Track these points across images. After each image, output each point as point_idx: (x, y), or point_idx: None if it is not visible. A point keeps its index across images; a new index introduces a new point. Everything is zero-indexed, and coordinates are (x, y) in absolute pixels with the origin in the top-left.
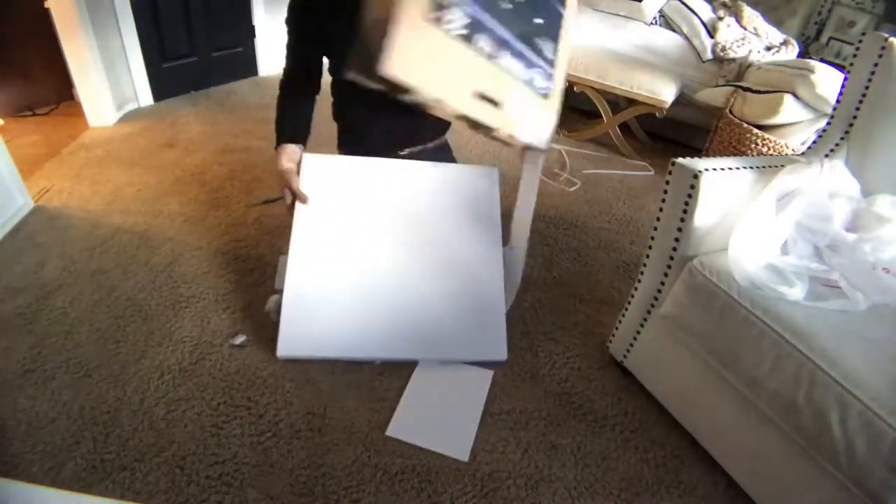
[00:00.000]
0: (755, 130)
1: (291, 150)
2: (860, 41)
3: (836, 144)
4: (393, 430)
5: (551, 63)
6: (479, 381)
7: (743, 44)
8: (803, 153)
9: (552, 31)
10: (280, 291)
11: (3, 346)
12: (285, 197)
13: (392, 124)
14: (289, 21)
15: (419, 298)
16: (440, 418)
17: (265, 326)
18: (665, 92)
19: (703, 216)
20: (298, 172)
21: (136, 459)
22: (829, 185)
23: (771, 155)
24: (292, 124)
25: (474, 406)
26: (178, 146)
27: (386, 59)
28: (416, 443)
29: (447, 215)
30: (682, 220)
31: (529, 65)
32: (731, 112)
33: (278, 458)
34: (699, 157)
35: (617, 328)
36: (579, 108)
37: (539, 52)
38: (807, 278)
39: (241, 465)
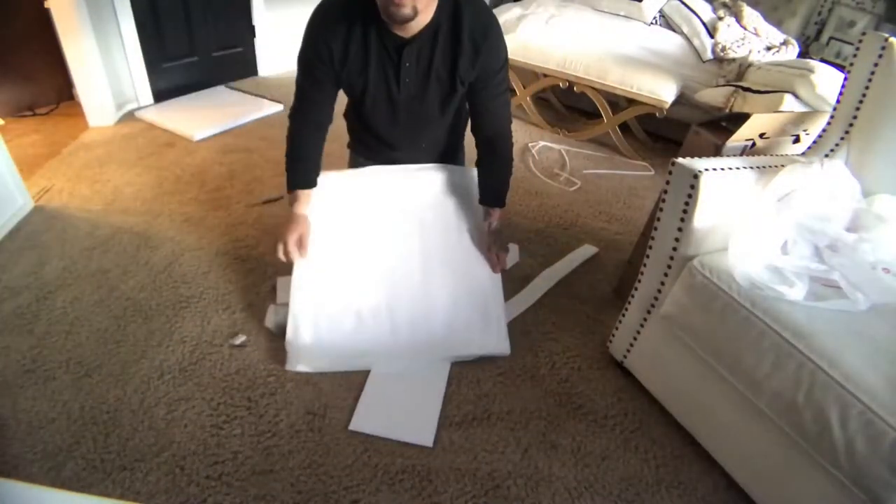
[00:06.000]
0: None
1: (305, 196)
2: (860, 41)
3: (836, 144)
4: (355, 425)
5: None
6: (438, 369)
7: (743, 44)
8: (803, 153)
9: None
10: (280, 305)
11: (3, 346)
12: (286, 245)
13: (397, 156)
14: (304, 62)
15: (425, 303)
16: (402, 408)
17: (265, 327)
18: (665, 92)
19: (703, 216)
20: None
21: (136, 459)
22: (829, 185)
23: (771, 155)
24: (306, 168)
25: (435, 393)
26: (178, 146)
27: None
28: (380, 434)
29: (448, 218)
30: (682, 220)
31: None
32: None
33: (278, 458)
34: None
35: (617, 328)
36: (579, 108)
37: None
38: (807, 278)
39: (241, 465)
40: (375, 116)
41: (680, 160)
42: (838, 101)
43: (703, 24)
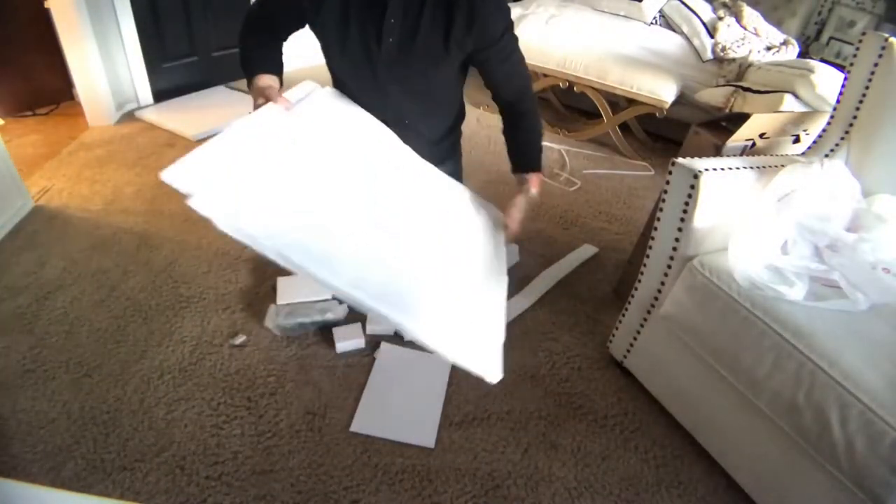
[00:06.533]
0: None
1: (269, 77)
2: (860, 41)
3: (836, 144)
4: (356, 426)
5: None
6: (438, 369)
7: (743, 44)
8: (803, 153)
9: None
10: (282, 305)
11: (3, 346)
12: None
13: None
14: None
15: (415, 264)
16: (403, 409)
17: (265, 327)
18: (665, 92)
19: (703, 216)
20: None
21: (136, 459)
22: (829, 185)
23: (771, 155)
24: (267, 59)
25: (436, 394)
26: (178, 146)
27: None
28: (382, 435)
29: (458, 214)
30: (682, 220)
31: None
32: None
33: (278, 458)
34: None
35: (617, 328)
36: (579, 108)
37: None
38: (807, 278)
39: (241, 465)
40: (355, 82)
41: (680, 160)
42: (838, 101)
43: (703, 24)
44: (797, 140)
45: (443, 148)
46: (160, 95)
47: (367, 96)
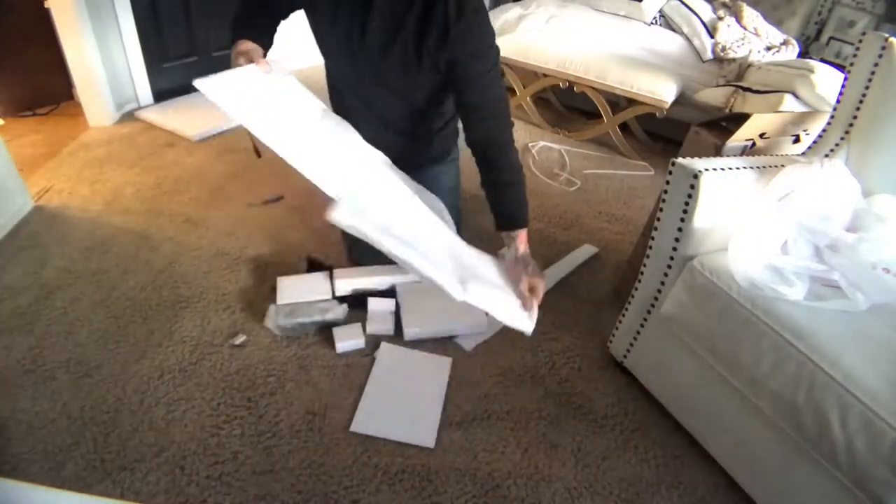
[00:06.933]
0: None
1: (253, 44)
2: (860, 41)
3: (836, 144)
4: (356, 426)
5: None
6: (438, 369)
7: (743, 44)
8: (803, 153)
9: None
10: (282, 305)
11: (3, 346)
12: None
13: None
14: None
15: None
16: (403, 409)
17: (265, 327)
18: (665, 92)
19: (703, 216)
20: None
21: (136, 459)
22: (829, 185)
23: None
24: (256, 34)
25: (436, 394)
26: (178, 146)
27: None
28: (382, 435)
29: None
30: (682, 220)
31: None
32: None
33: (278, 458)
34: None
35: (617, 328)
36: (579, 108)
37: None
38: (807, 278)
39: (242, 465)
40: (339, 72)
41: (680, 160)
42: (838, 101)
43: (703, 24)
44: (797, 140)
45: (435, 149)
46: (160, 95)
47: (350, 88)
